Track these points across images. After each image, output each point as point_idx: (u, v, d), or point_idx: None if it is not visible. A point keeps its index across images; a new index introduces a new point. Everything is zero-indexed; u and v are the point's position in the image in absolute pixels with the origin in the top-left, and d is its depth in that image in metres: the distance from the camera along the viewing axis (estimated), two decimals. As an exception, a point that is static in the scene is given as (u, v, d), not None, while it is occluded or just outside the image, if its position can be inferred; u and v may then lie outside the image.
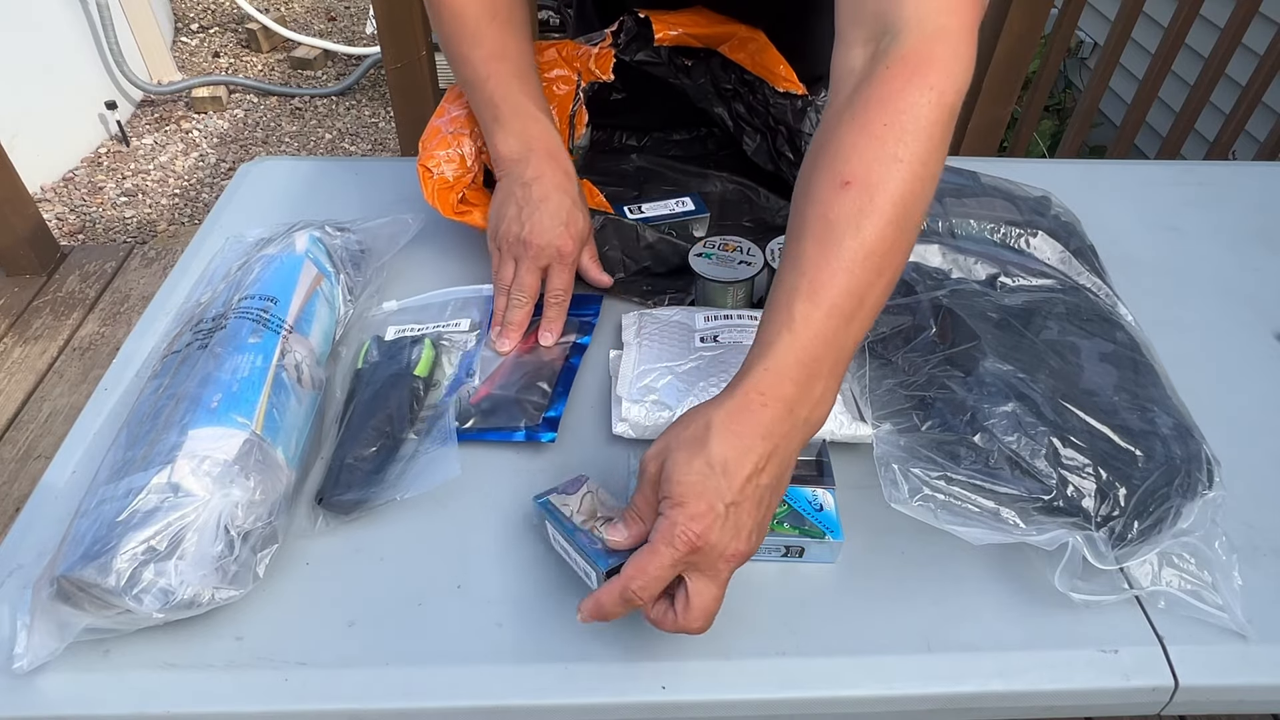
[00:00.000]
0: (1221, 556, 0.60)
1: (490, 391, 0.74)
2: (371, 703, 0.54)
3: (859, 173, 0.52)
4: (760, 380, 0.51)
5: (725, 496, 0.49)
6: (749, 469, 0.50)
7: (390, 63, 1.63)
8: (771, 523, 0.58)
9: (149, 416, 0.61)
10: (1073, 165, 1.16)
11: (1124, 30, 1.87)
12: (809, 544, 0.61)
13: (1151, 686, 0.57)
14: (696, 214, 0.91)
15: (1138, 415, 0.63)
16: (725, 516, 0.49)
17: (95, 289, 2.24)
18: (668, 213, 0.90)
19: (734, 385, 0.52)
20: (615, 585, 0.51)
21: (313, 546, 0.63)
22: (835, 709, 0.57)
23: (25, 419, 1.90)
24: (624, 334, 0.77)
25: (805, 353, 0.51)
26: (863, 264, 0.51)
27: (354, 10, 3.94)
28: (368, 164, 1.08)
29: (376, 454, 0.66)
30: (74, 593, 0.52)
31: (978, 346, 0.66)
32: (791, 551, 0.62)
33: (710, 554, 0.49)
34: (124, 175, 2.86)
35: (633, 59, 0.89)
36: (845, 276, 0.51)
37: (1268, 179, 1.08)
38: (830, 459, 0.66)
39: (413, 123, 1.70)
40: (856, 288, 0.51)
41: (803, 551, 0.62)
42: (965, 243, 0.76)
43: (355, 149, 3.07)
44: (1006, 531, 0.58)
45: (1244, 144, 2.38)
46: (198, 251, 0.88)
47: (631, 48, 0.89)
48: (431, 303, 0.82)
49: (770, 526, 0.56)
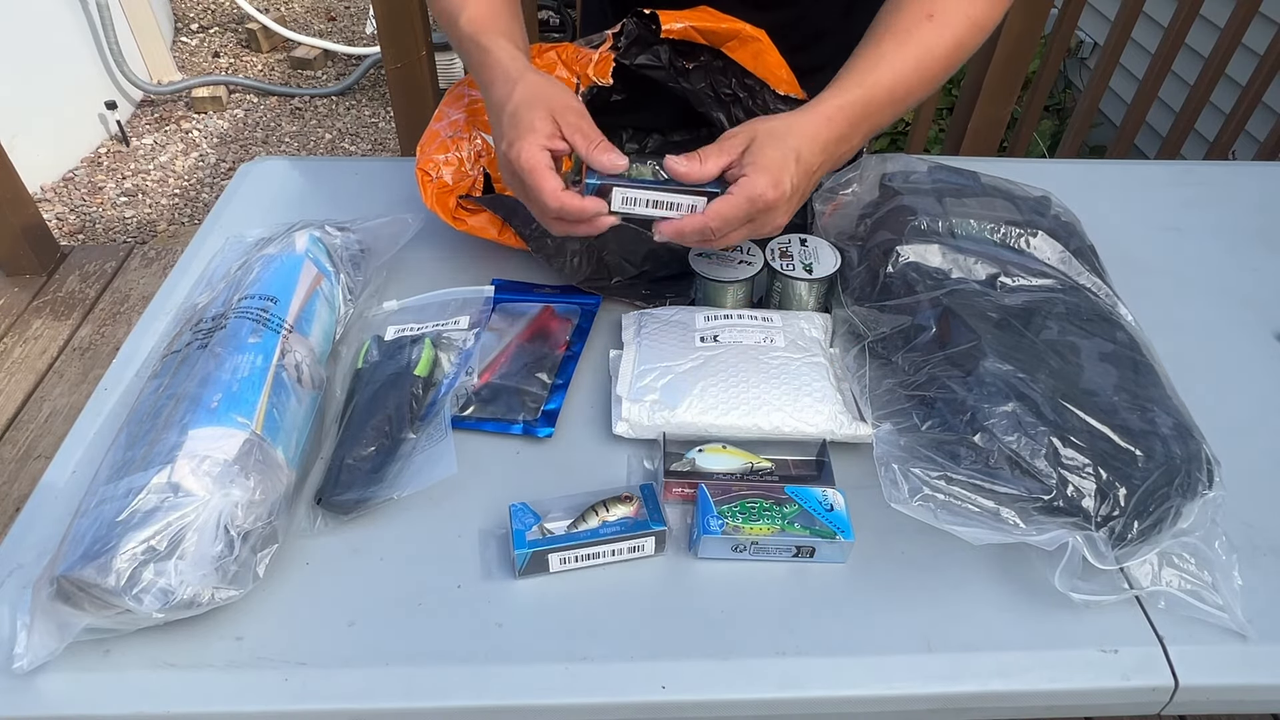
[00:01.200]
0: (1221, 556, 0.60)
1: (490, 379, 0.74)
2: (371, 703, 0.54)
3: (939, 13, 0.71)
4: (834, 111, 0.68)
5: (794, 180, 0.64)
6: (814, 166, 0.66)
7: (390, 63, 1.63)
8: (782, 523, 0.61)
9: (149, 416, 0.61)
10: (1073, 165, 1.16)
11: (1124, 30, 1.87)
12: (820, 544, 0.61)
13: (1151, 686, 0.57)
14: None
15: (1138, 415, 0.63)
16: (789, 195, 0.64)
17: (95, 289, 2.24)
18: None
19: (811, 108, 0.68)
20: (698, 220, 0.63)
21: (313, 546, 0.63)
22: (835, 709, 0.57)
23: (25, 419, 1.90)
24: (624, 333, 0.78)
25: (866, 108, 0.68)
26: (921, 71, 0.71)
27: (354, 10, 3.94)
28: (368, 164, 1.08)
29: (375, 454, 0.66)
30: (74, 593, 0.52)
31: (978, 346, 0.66)
32: (803, 552, 0.62)
33: (766, 219, 0.64)
34: (124, 175, 2.86)
35: (633, 63, 0.89)
36: (909, 72, 0.70)
37: (1268, 179, 1.08)
38: (830, 459, 0.67)
39: (413, 123, 1.70)
40: (910, 84, 0.71)
41: (814, 552, 0.62)
42: (965, 243, 0.76)
43: (355, 149, 3.07)
44: (1006, 531, 0.58)
45: (1244, 144, 2.38)
46: (198, 251, 0.88)
47: (632, 51, 0.89)
48: (432, 302, 0.82)
49: (781, 527, 0.61)
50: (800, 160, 0.64)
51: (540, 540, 0.61)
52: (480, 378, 0.74)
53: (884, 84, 0.70)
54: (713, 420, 0.68)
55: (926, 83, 0.72)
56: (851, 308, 0.76)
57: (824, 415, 0.69)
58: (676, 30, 0.87)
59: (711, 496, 0.62)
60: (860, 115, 0.69)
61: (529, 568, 0.61)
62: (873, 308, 0.74)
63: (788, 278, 0.78)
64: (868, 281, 0.76)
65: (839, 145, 0.68)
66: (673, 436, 0.69)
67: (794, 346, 0.74)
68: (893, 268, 0.74)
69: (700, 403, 0.69)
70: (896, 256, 0.75)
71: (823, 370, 0.72)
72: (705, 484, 0.63)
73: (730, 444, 0.68)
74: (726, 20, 0.89)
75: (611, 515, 0.62)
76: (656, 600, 0.60)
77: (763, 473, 0.66)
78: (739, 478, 0.66)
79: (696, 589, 0.61)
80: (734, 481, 0.65)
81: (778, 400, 0.69)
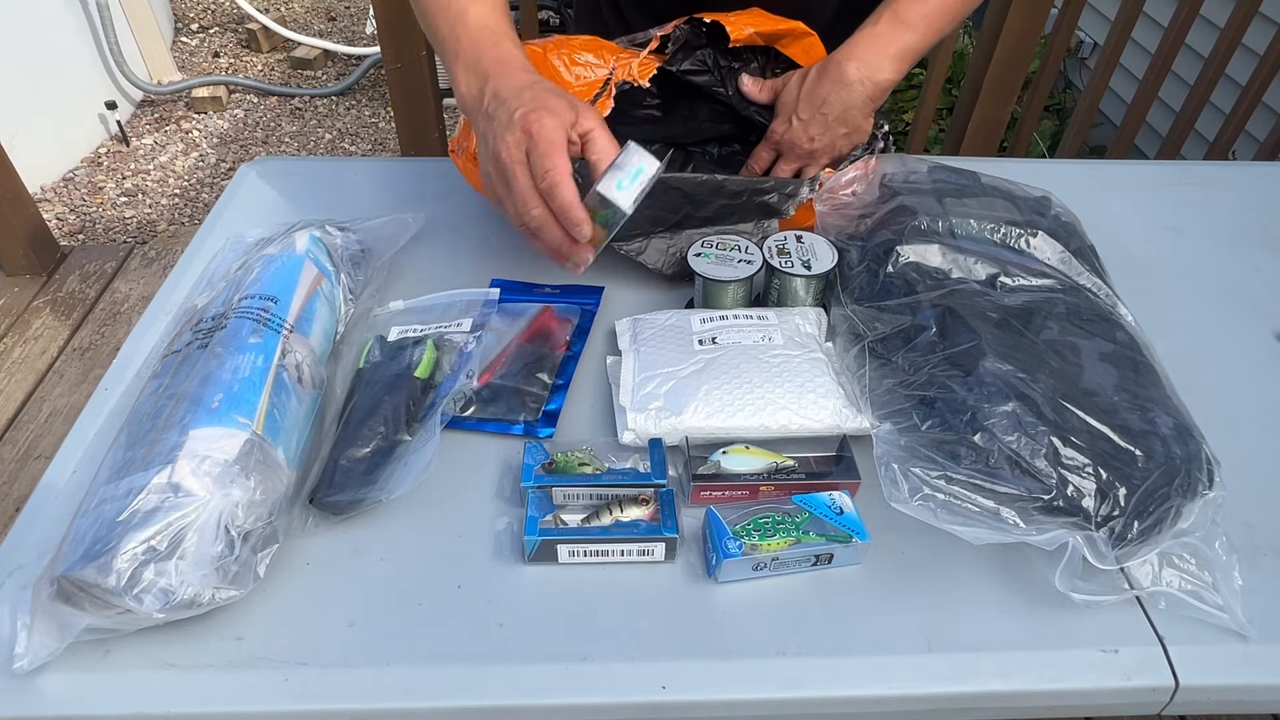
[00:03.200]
0: (1221, 556, 0.60)
1: (490, 379, 0.74)
2: (371, 703, 0.54)
3: None
4: (872, 38, 0.82)
5: (805, 112, 0.82)
6: (844, 78, 0.81)
7: (390, 63, 1.63)
8: (797, 534, 0.61)
9: (149, 416, 0.61)
10: (1073, 165, 1.16)
11: (1124, 30, 1.87)
12: (836, 549, 0.61)
13: (1152, 686, 0.57)
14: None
15: (1138, 415, 0.63)
16: (807, 122, 0.82)
17: (95, 289, 2.24)
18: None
19: (855, 40, 0.82)
20: (768, 143, 0.85)
21: (313, 546, 0.63)
22: (835, 709, 0.57)
23: (25, 419, 1.90)
24: (619, 340, 0.77)
25: (899, 39, 0.82)
26: (946, 11, 0.83)
27: (354, 10, 3.94)
28: (368, 164, 1.08)
29: (371, 455, 0.66)
30: (74, 593, 0.52)
31: (978, 346, 0.66)
32: (821, 560, 0.62)
33: (804, 146, 0.84)
34: (124, 175, 2.86)
35: (679, 68, 0.88)
36: (935, 8, 0.82)
37: (1268, 179, 1.08)
38: (853, 454, 0.67)
39: (413, 123, 1.70)
40: (935, 20, 0.82)
41: (831, 558, 0.62)
42: (965, 243, 0.76)
43: (355, 149, 3.07)
44: (1006, 531, 0.58)
45: (1244, 144, 2.38)
46: (198, 251, 0.88)
47: (678, 57, 0.88)
48: (436, 303, 0.82)
49: (797, 538, 0.60)
50: (807, 84, 0.81)
51: (552, 530, 0.61)
52: (481, 378, 0.74)
53: (911, 22, 0.82)
54: (719, 423, 0.68)
55: (951, 22, 0.84)
56: (851, 307, 0.76)
57: (829, 410, 0.69)
58: (745, 36, 0.86)
59: (722, 517, 0.61)
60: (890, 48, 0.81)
61: (538, 554, 0.61)
62: (873, 307, 0.74)
63: (787, 275, 0.78)
64: (868, 281, 0.76)
65: (880, 47, 0.81)
66: (694, 440, 0.69)
67: (792, 343, 0.74)
68: (893, 267, 0.74)
69: (706, 406, 0.69)
70: (896, 256, 0.75)
71: (823, 365, 0.72)
72: (713, 507, 0.63)
73: (752, 444, 0.68)
74: (781, 21, 0.89)
75: (626, 516, 0.62)
76: (657, 601, 0.60)
77: (787, 471, 0.66)
78: (765, 477, 0.65)
79: (697, 589, 0.61)
80: (760, 482, 0.65)
81: (782, 399, 0.69)
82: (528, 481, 0.64)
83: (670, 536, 0.61)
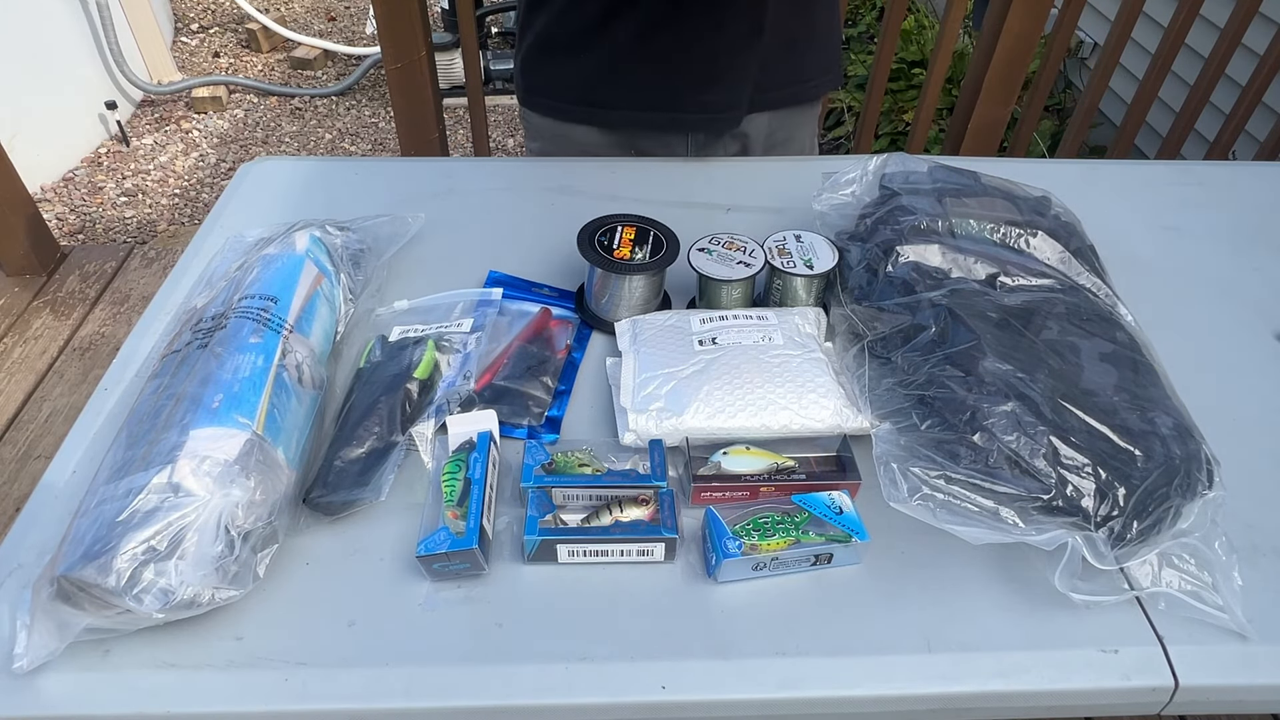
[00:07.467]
0: (1221, 556, 0.60)
1: (492, 380, 0.74)
2: (371, 703, 0.54)
3: None
4: None
5: None
6: None
7: (390, 63, 1.63)
8: (796, 533, 0.60)
9: (149, 416, 0.61)
10: (1073, 165, 1.16)
11: (1124, 30, 1.87)
12: (836, 549, 0.61)
13: (1151, 686, 0.57)
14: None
15: (1137, 415, 0.63)
16: None
17: (95, 289, 2.24)
18: None
19: None
20: None
21: (313, 546, 0.63)
22: (835, 709, 0.57)
23: (25, 419, 1.90)
24: (619, 340, 0.77)
25: None
26: None
27: (354, 10, 3.94)
28: (368, 164, 1.08)
29: (366, 456, 0.66)
30: (74, 593, 0.52)
31: (977, 346, 0.66)
32: (821, 559, 0.62)
33: None
34: (124, 175, 2.86)
35: None
36: None
37: (1268, 179, 1.08)
38: (853, 454, 0.66)
39: (413, 123, 1.70)
40: None
41: (831, 558, 0.62)
42: (965, 243, 0.76)
43: (355, 149, 3.07)
44: (1006, 531, 0.58)
45: (1244, 144, 2.37)
46: (198, 251, 0.88)
47: None
48: (440, 303, 0.82)
49: (796, 537, 0.60)
50: None
51: (552, 529, 0.61)
52: (482, 379, 0.73)
53: None
54: (720, 424, 0.68)
55: None
56: (851, 307, 0.76)
57: (829, 410, 0.69)
58: None
59: (722, 517, 0.62)
60: None
61: (538, 554, 0.61)
62: (872, 307, 0.74)
63: (788, 274, 0.78)
64: (867, 281, 0.76)
65: None
66: (694, 441, 0.69)
67: (792, 343, 0.74)
68: (893, 267, 0.74)
69: (707, 407, 0.69)
70: (896, 256, 0.75)
71: (822, 365, 0.72)
72: (713, 507, 0.63)
73: (752, 445, 0.68)
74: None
75: (626, 516, 0.62)
76: (657, 601, 0.60)
77: (788, 471, 0.66)
78: (766, 478, 0.65)
79: (697, 590, 0.61)
80: (760, 483, 0.65)
81: (783, 399, 0.69)
82: (528, 482, 0.64)
83: (670, 537, 0.61)
